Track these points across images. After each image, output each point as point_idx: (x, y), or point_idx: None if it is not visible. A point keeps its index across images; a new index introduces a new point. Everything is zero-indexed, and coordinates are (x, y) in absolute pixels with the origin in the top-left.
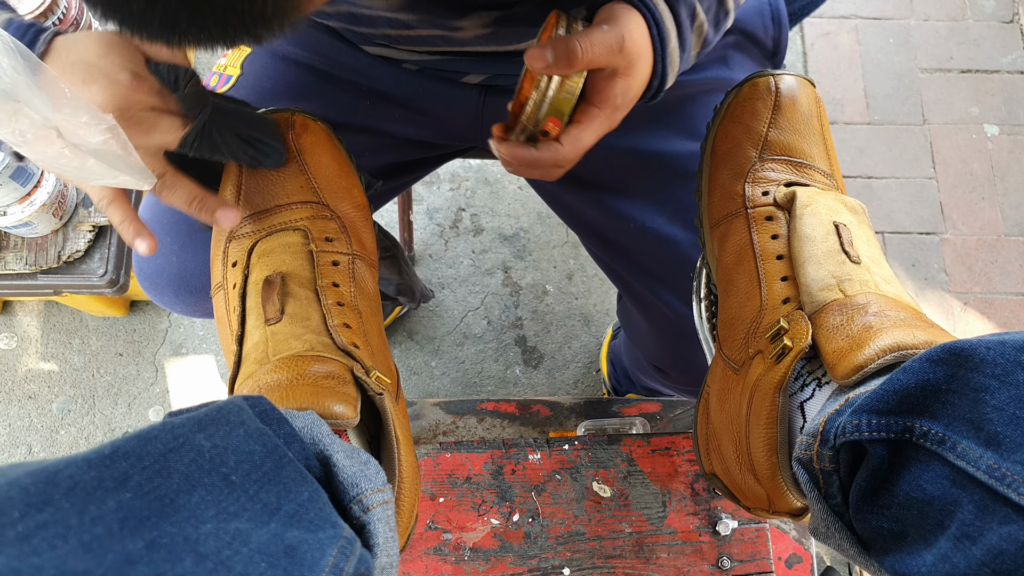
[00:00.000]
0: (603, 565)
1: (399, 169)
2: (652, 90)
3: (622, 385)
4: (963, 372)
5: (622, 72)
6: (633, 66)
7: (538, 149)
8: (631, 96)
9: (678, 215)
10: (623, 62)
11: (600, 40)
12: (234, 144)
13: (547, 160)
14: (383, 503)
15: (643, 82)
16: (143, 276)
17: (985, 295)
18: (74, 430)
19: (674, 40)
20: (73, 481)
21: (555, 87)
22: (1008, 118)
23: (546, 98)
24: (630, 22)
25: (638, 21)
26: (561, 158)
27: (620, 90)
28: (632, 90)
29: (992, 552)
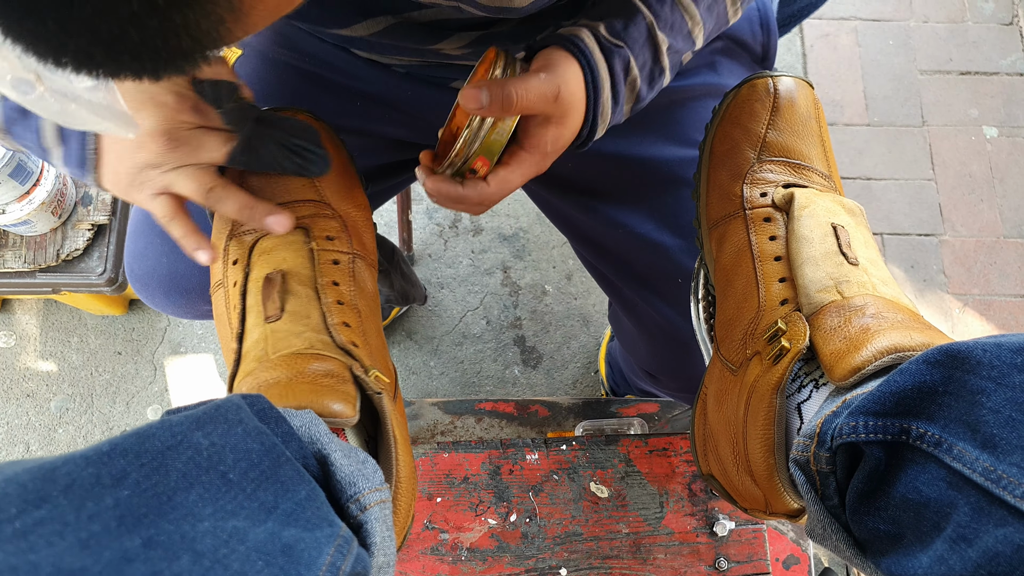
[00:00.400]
0: (600, 566)
1: (392, 169)
2: (581, 139)
3: (619, 386)
4: (960, 374)
5: (555, 120)
6: (566, 115)
7: (464, 187)
8: (561, 144)
9: (667, 221)
10: (557, 111)
11: (536, 88)
12: (279, 155)
13: (472, 199)
14: (380, 502)
15: (574, 131)
16: (134, 277)
17: (984, 297)
18: (72, 428)
19: (607, 91)
20: (71, 478)
21: (487, 128)
22: (1007, 120)
23: (477, 138)
24: (567, 72)
25: (575, 71)
26: (486, 197)
27: (551, 137)
28: (563, 138)
29: (988, 554)
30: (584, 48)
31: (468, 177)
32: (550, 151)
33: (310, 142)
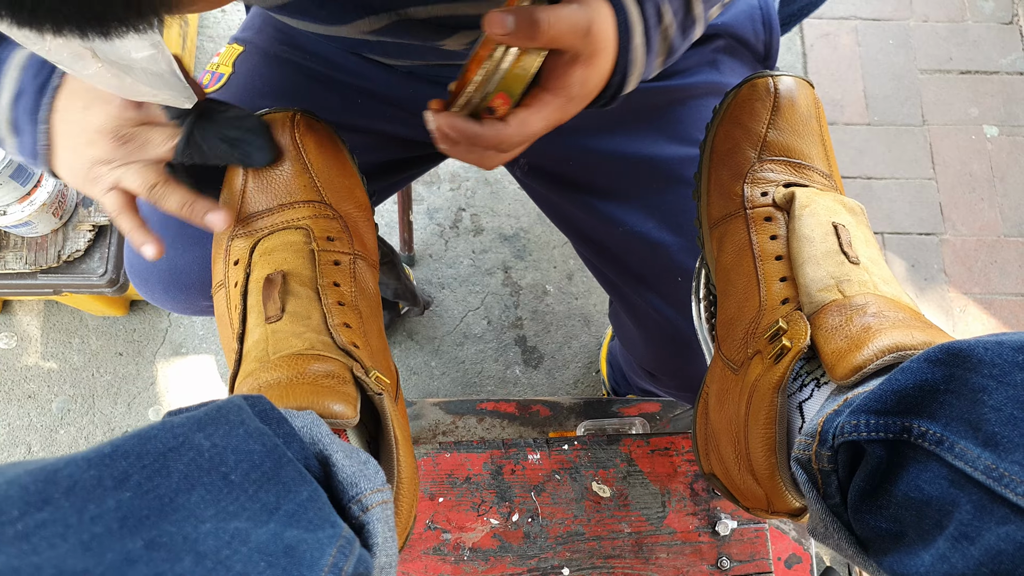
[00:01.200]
0: (602, 565)
1: (393, 167)
2: (612, 88)
3: (620, 386)
4: (961, 372)
5: (584, 59)
6: (596, 55)
7: (481, 125)
8: (588, 89)
9: (667, 219)
10: (587, 48)
11: (568, 17)
12: (219, 147)
13: (488, 138)
14: (382, 503)
15: (603, 77)
16: (133, 273)
17: (984, 296)
18: (74, 429)
19: (639, 35)
20: (73, 480)
21: (510, 60)
22: (1007, 119)
23: (498, 70)
24: (601, 8)
25: (607, 10)
26: (504, 139)
27: (579, 79)
28: (591, 82)
29: (990, 552)
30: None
31: (484, 117)
32: (575, 95)
33: (251, 132)
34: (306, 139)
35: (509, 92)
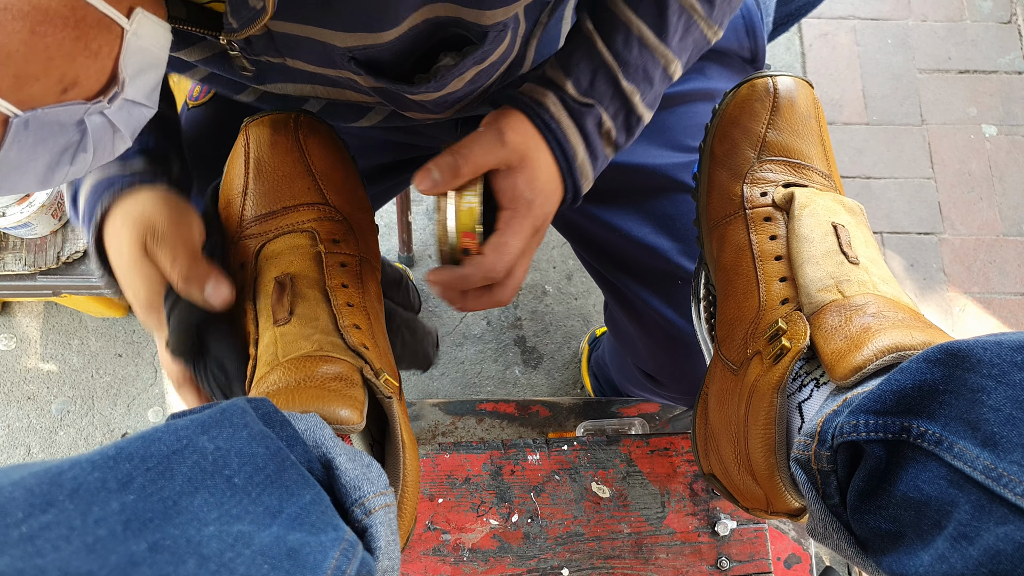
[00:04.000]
0: (602, 566)
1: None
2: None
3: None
4: (960, 372)
5: (517, 166)
6: (526, 157)
7: (464, 266)
8: (540, 187)
9: (663, 224)
10: (513, 156)
11: (477, 142)
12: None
13: (475, 275)
14: (385, 506)
15: (548, 171)
16: None
17: (983, 295)
18: (73, 431)
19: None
20: (77, 482)
21: (454, 203)
22: (1006, 118)
23: (449, 217)
24: (505, 117)
25: (515, 115)
26: (489, 268)
27: (523, 183)
28: (539, 180)
29: (989, 552)
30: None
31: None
32: (533, 199)
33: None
34: (309, 141)
35: (470, 229)
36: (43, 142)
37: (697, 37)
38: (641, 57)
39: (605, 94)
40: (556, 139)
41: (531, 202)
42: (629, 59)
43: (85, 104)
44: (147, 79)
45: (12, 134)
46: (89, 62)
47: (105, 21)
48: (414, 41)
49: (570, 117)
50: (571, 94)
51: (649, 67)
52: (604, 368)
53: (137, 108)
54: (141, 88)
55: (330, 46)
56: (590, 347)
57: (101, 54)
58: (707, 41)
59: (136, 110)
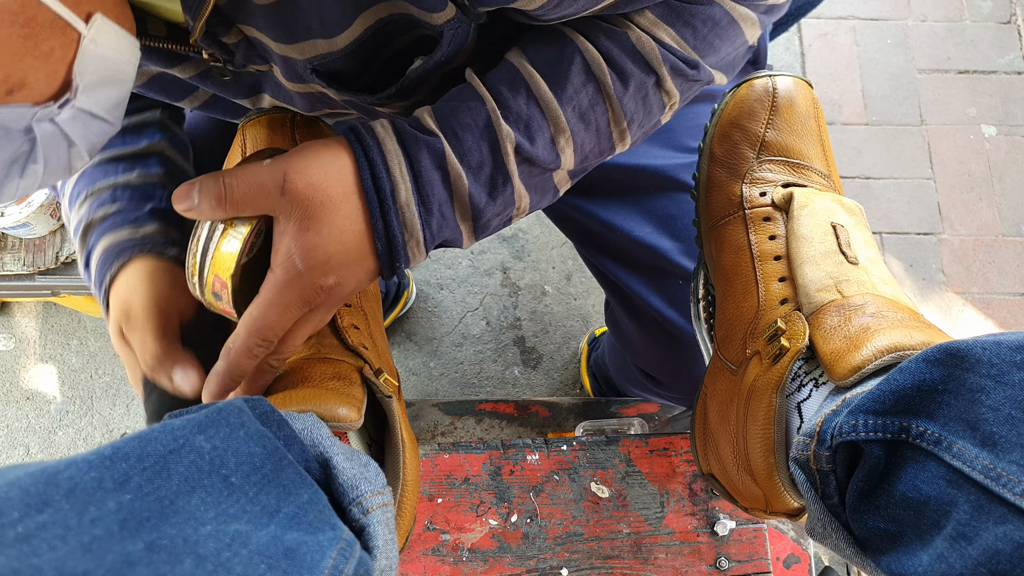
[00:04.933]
0: (601, 566)
1: None
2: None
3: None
4: (959, 372)
5: (296, 225)
6: (312, 218)
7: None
8: (320, 259)
9: (664, 224)
10: (294, 210)
11: (251, 176)
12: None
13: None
14: (383, 505)
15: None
16: None
17: (983, 295)
18: (72, 431)
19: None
20: (73, 482)
21: (216, 238)
22: (1005, 118)
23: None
24: (312, 156)
25: (331, 157)
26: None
27: (299, 249)
28: (319, 251)
29: (988, 552)
30: (364, 134)
31: (219, 306)
32: (304, 269)
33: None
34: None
35: (224, 272)
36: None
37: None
38: (528, 108)
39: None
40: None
41: (301, 274)
42: (512, 104)
43: (33, 108)
44: (109, 93)
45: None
46: (38, 64)
47: (59, 23)
48: (371, 46)
49: (397, 142)
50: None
51: (534, 123)
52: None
53: (96, 121)
54: (101, 101)
55: (291, 60)
56: (589, 347)
57: (53, 57)
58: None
59: (94, 123)
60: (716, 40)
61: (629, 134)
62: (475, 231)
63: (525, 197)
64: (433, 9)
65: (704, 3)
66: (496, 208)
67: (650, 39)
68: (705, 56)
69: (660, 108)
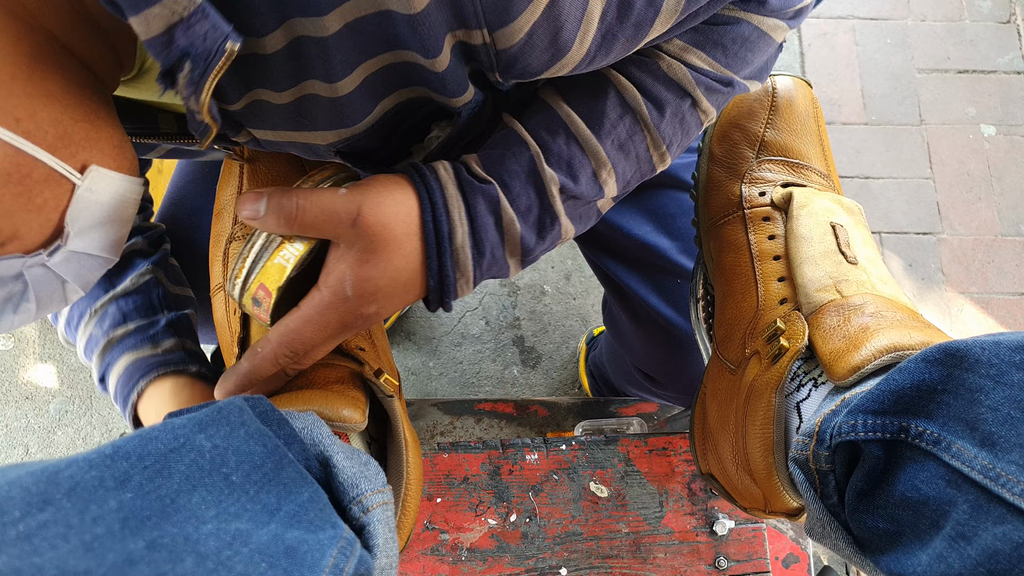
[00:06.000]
0: (600, 565)
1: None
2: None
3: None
4: (958, 372)
5: (357, 254)
6: (375, 251)
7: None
8: (370, 290)
9: (663, 223)
10: (358, 241)
11: (326, 204)
12: None
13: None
14: (383, 504)
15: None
16: None
17: (982, 295)
18: (71, 431)
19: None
20: (74, 481)
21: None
22: (1005, 118)
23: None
24: (386, 196)
25: (402, 200)
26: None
27: (351, 277)
28: (371, 283)
29: (987, 552)
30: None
31: (254, 311)
32: (352, 296)
33: None
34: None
35: (271, 282)
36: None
37: (640, 153)
38: (568, 148)
39: (516, 174)
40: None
41: (348, 300)
42: (552, 146)
43: (23, 258)
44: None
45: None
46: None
47: (54, 176)
48: (392, 123)
49: (458, 187)
50: (473, 166)
51: (575, 162)
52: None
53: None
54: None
55: (313, 145)
56: (588, 347)
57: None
58: (651, 166)
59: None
60: (748, 55)
61: (669, 155)
62: (522, 264)
63: (571, 229)
64: (454, 95)
65: (732, 23)
66: (544, 245)
67: (681, 65)
68: (739, 71)
69: (698, 125)
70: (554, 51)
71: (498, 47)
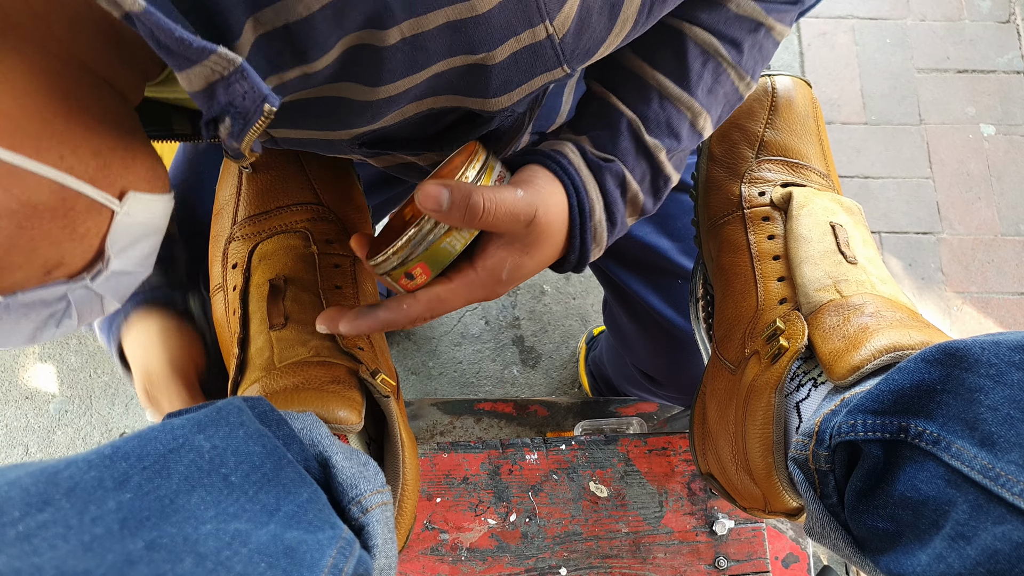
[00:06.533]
0: (600, 565)
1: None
2: (570, 264)
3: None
4: (958, 372)
5: (521, 247)
6: (536, 245)
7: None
8: (521, 275)
9: (664, 223)
10: (527, 237)
11: (511, 205)
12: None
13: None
14: (382, 504)
15: (541, 265)
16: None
17: (981, 294)
18: (71, 431)
19: (599, 213)
20: (73, 481)
21: (439, 233)
22: (1004, 118)
23: (425, 240)
24: (551, 196)
25: (559, 195)
26: (413, 317)
27: (511, 266)
28: (524, 269)
29: (987, 552)
30: (568, 167)
31: (401, 281)
32: (505, 280)
33: None
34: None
35: (433, 263)
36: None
37: (728, 90)
38: (663, 110)
39: (628, 151)
40: (574, 186)
41: (500, 282)
42: (648, 113)
43: (67, 283)
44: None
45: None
46: (74, 245)
47: (95, 205)
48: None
49: (588, 169)
50: (588, 150)
51: (673, 120)
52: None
53: (127, 276)
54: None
55: (335, 141)
56: (588, 347)
57: (88, 236)
58: (739, 96)
59: (125, 278)
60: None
61: (754, 81)
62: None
63: (677, 178)
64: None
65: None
66: (659, 202)
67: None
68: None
69: (775, 46)
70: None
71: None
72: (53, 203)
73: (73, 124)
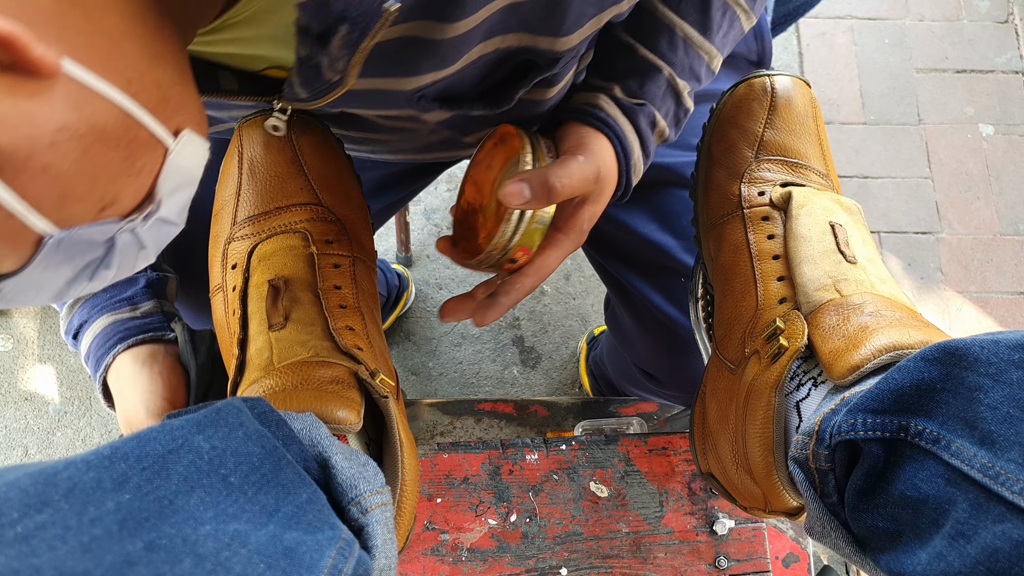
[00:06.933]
0: (600, 565)
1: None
2: (619, 196)
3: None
4: (957, 371)
5: (592, 199)
6: (601, 193)
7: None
8: (595, 220)
9: (667, 221)
10: (594, 192)
11: (578, 173)
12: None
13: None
14: (382, 504)
15: (605, 205)
16: None
17: (981, 294)
18: (71, 432)
19: (637, 151)
20: (72, 482)
21: (528, 219)
22: (1003, 118)
23: (519, 230)
24: (603, 150)
25: (607, 147)
26: (528, 291)
27: (588, 216)
28: (597, 214)
29: (987, 550)
30: (608, 119)
31: (506, 266)
32: (586, 228)
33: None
34: (302, 140)
35: (530, 243)
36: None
37: (737, 32)
38: (688, 56)
39: (656, 95)
40: (616, 136)
41: (583, 232)
42: (675, 60)
43: (119, 222)
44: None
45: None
46: (130, 180)
47: (153, 141)
48: (485, 69)
49: (624, 115)
50: (620, 97)
51: (695, 65)
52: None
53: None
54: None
55: (396, 92)
56: (588, 346)
57: (143, 172)
58: (743, 33)
59: (166, 228)
60: None
61: (755, 17)
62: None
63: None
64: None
65: None
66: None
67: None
68: None
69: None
70: None
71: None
72: (117, 131)
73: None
